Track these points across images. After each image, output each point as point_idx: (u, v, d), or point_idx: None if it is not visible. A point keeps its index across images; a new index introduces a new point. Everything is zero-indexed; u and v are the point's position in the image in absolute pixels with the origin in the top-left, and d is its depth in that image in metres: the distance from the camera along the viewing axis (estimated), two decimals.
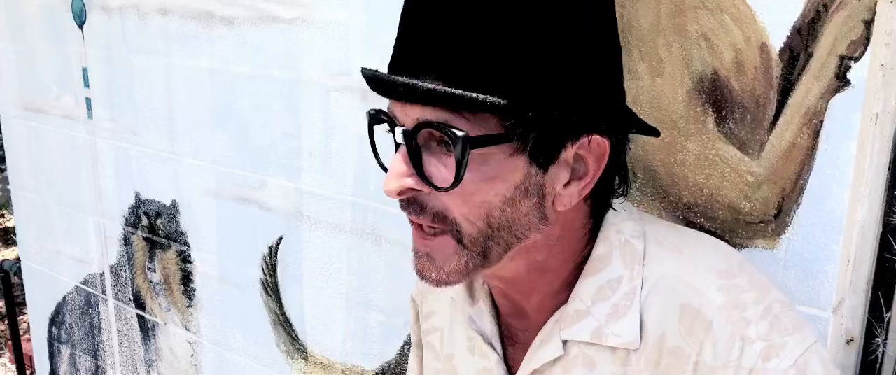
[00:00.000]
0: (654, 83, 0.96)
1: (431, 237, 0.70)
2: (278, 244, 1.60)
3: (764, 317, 0.68)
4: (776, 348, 0.66)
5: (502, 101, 0.62)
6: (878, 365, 0.96)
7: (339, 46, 1.36)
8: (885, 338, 0.95)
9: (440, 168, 0.66)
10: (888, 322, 0.95)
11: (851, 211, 0.87)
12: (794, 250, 0.90)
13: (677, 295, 0.71)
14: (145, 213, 1.90)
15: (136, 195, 1.91)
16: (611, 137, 0.69)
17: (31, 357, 2.78)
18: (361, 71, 0.69)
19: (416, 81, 0.63)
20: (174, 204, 1.81)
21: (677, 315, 0.70)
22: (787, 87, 0.87)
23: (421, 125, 0.65)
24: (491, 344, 0.82)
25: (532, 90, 0.63)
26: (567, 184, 0.70)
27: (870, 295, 0.95)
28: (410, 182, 0.67)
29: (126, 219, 1.97)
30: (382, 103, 0.71)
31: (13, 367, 3.00)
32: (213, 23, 1.56)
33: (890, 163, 0.90)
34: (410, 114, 0.66)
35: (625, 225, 0.75)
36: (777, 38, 0.86)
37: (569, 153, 0.68)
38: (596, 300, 0.73)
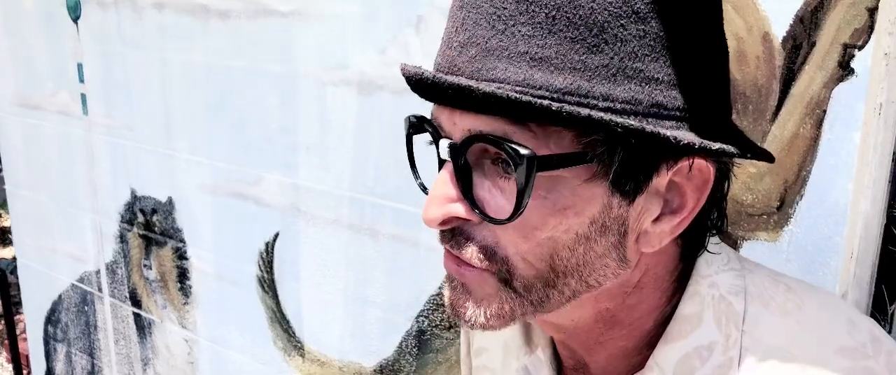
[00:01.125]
0: None
1: (469, 267, 0.57)
2: (275, 240, 1.59)
3: None
4: None
5: (584, 112, 0.48)
6: None
7: (335, 40, 1.35)
8: (889, 331, 0.94)
9: (495, 193, 0.54)
10: (892, 315, 0.94)
11: (855, 202, 0.86)
12: (796, 242, 0.89)
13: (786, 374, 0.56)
14: (141, 210, 1.88)
15: (132, 191, 1.89)
16: (716, 161, 0.55)
17: (27, 357, 2.77)
18: (401, 69, 0.57)
19: (470, 83, 0.50)
20: (170, 201, 1.80)
21: None
22: (789, 77, 0.86)
23: (473, 138, 0.52)
24: None
25: (622, 98, 0.50)
26: (657, 220, 0.55)
27: (873, 287, 0.94)
28: (457, 209, 0.54)
29: (122, 216, 1.95)
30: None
31: (10, 367, 2.99)
32: (209, 17, 1.55)
33: (894, 153, 0.89)
34: (460, 124, 0.53)
35: (721, 277, 0.60)
36: (779, 27, 0.85)
37: (662, 180, 0.53)
38: (679, 371, 0.59)
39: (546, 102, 0.48)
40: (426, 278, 1.36)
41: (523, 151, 0.50)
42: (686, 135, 0.51)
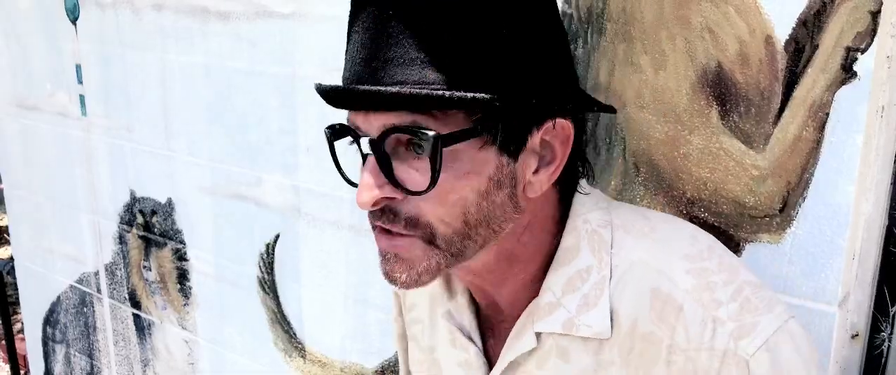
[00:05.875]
0: (657, 76, 0.95)
1: (398, 236, 0.69)
2: (275, 241, 1.59)
3: (734, 299, 0.68)
4: (747, 328, 0.67)
5: (470, 96, 0.62)
6: (883, 360, 0.95)
7: (335, 41, 1.35)
8: (891, 333, 0.94)
9: (412, 172, 0.66)
10: (893, 316, 0.94)
11: (857, 204, 0.86)
12: (799, 244, 0.89)
13: (647, 281, 0.72)
14: (141, 211, 1.88)
15: (131, 192, 1.89)
16: (573, 119, 0.71)
17: (24, 357, 2.76)
18: (317, 87, 0.69)
19: (379, 88, 0.63)
20: (170, 202, 1.79)
21: (648, 301, 0.71)
22: (792, 80, 0.86)
23: (388, 131, 0.65)
24: (470, 338, 0.84)
25: (494, 82, 0.64)
26: (536, 171, 0.71)
27: (875, 289, 0.94)
28: (384, 190, 0.67)
29: (121, 217, 1.95)
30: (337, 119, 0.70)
31: (6, 367, 2.99)
32: (208, 18, 1.54)
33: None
34: (375, 123, 0.65)
35: (591, 214, 0.76)
36: (782, 30, 0.85)
37: (535, 139, 0.69)
38: (566, 291, 0.74)
39: (440, 92, 0.62)
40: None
41: (430, 133, 0.63)
42: (546, 102, 0.68)
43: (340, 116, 0.70)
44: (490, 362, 0.83)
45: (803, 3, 0.83)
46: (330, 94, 0.67)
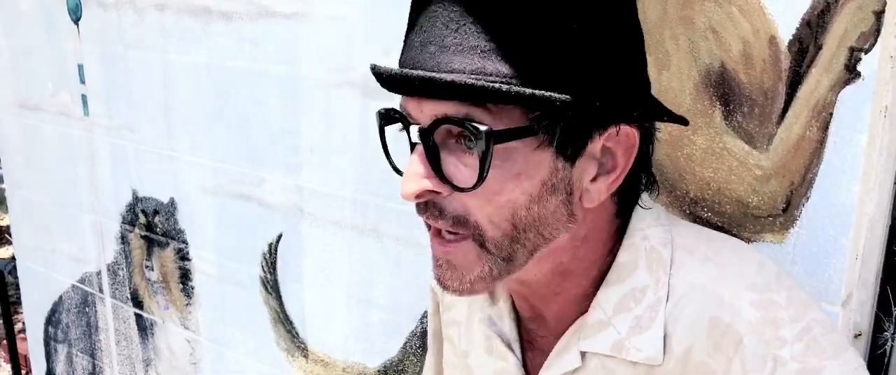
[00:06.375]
0: (660, 76, 0.95)
1: (452, 242, 0.66)
2: (278, 241, 1.59)
3: (800, 338, 0.63)
4: (812, 372, 0.62)
5: (529, 92, 0.58)
6: (886, 360, 0.95)
7: (338, 41, 1.35)
8: (894, 332, 0.94)
9: (460, 167, 0.63)
10: None
11: (860, 204, 0.86)
12: (802, 244, 0.89)
13: (706, 308, 0.66)
14: (143, 211, 1.88)
15: (134, 192, 1.89)
16: (639, 127, 0.66)
17: (26, 357, 2.76)
18: (371, 68, 0.65)
19: (433, 74, 0.59)
20: (172, 202, 1.80)
21: (705, 329, 0.66)
22: (795, 80, 0.86)
23: (439, 121, 0.61)
24: (510, 347, 0.79)
25: (557, 79, 0.60)
26: (595, 179, 0.66)
27: (878, 289, 0.94)
28: (429, 183, 0.63)
29: (123, 217, 1.95)
30: (389, 102, 0.68)
31: (8, 367, 2.99)
32: (211, 18, 1.55)
33: None
34: (426, 111, 0.62)
35: (651, 230, 0.71)
36: (786, 30, 0.85)
37: (596, 145, 0.64)
38: (618, 310, 0.70)
39: (497, 85, 0.58)
40: (430, 279, 1.36)
41: (482, 127, 0.59)
42: (611, 106, 0.62)
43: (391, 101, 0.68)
44: None
45: (807, 4, 0.83)
46: (383, 77, 0.63)
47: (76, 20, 1.86)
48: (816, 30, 0.83)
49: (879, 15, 0.80)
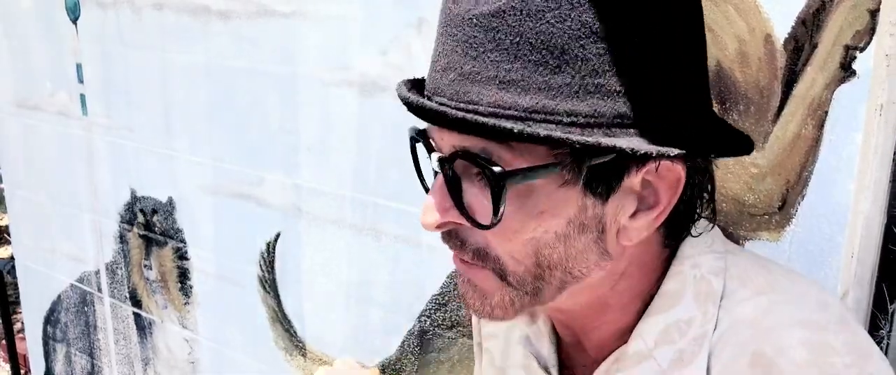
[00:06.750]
0: None
1: (473, 267, 0.62)
2: (276, 240, 1.59)
3: None
4: None
5: (544, 133, 0.52)
6: None
7: (336, 40, 1.35)
8: (890, 330, 0.94)
9: (481, 200, 0.58)
10: (892, 314, 0.94)
11: (856, 202, 0.86)
12: (798, 242, 0.90)
13: (751, 341, 0.60)
14: (141, 210, 1.88)
15: (132, 192, 1.89)
16: (686, 161, 0.58)
17: (25, 357, 2.76)
18: (397, 89, 0.62)
19: (446, 108, 0.55)
20: (170, 201, 1.80)
21: (747, 364, 0.59)
22: (791, 78, 0.86)
23: (456, 154, 0.58)
24: (548, 371, 0.74)
25: (583, 113, 0.54)
26: (634, 215, 0.59)
27: (873, 287, 0.94)
28: (447, 216, 0.59)
29: (122, 216, 1.95)
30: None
31: (7, 366, 2.99)
32: (209, 17, 1.55)
33: (894, 153, 0.90)
34: (447, 141, 0.58)
35: (702, 258, 0.64)
36: (781, 29, 0.86)
37: (634, 180, 0.57)
38: (660, 342, 0.64)
39: (509, 124, 0.53)
40: (428, 278, 1.36)
41: (495, 169, 0.55)
42: (641, 145, 0.54)
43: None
44: None
45: (802, 2, 0.84)
46: (404, 103, 0.60)
47: (74, 20, 1.86)
48: (812, 28, 0.84)
49: (874, 13, 0.80)
